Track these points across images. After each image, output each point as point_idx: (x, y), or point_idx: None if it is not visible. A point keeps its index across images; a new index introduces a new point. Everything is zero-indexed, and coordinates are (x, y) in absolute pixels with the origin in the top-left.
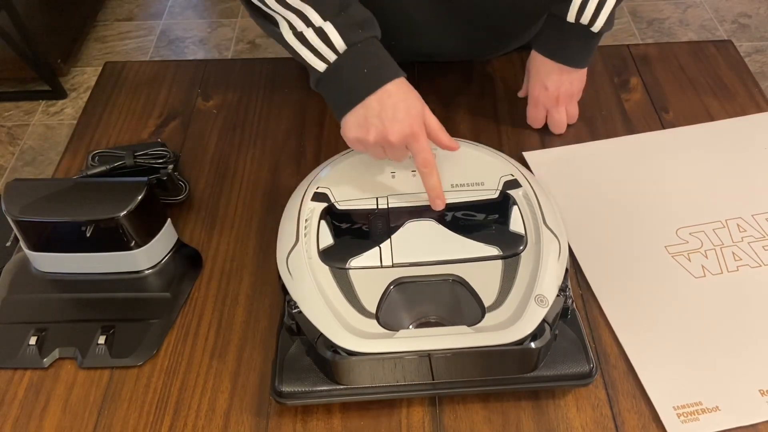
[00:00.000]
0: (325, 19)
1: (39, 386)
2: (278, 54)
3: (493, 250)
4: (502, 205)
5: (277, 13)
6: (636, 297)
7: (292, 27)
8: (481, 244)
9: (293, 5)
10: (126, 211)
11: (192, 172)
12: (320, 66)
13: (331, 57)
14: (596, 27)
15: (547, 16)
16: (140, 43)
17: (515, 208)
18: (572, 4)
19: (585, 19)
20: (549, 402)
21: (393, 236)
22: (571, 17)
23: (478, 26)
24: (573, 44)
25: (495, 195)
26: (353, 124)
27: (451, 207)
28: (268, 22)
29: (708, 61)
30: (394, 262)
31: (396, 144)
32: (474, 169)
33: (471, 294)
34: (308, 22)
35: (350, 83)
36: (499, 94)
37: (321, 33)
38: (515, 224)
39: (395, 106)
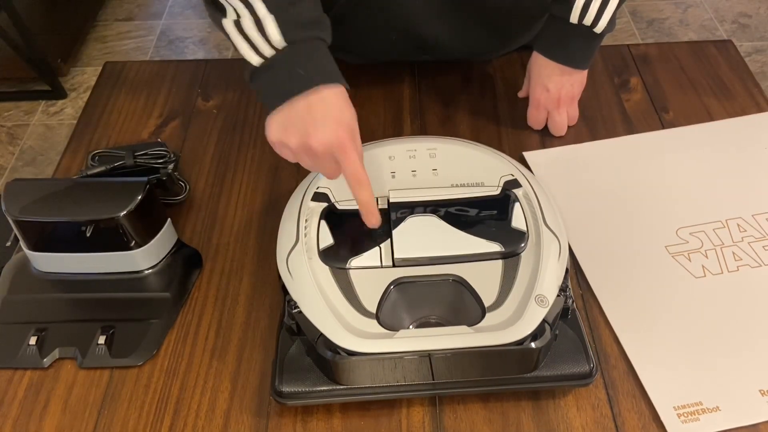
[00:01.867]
0: (269, 11)
1: (39, 386)
2: None
3: (495, 247)
4: (503, 201)
5: (226, 1)
6: (636, 297)
7: (235, 15)
8: (483, 240)
9: None
10: (126, 211)
11: (192, 172)
12: (254, 59)
13: (267, 52)
14: (599, 28)
15: (548, 16)
16: (140, 43)
17: (517, 204)
18: (575, 5)
19: (588, 20)
20: (549, 402)
21: (393, 235)
22: (573, 18)
23: (480, 24)
24: (575, 45)
25: (496, 193)
26: (276, 124)
27: (451, 203)
28: (216, 9)
29: (708, 61)
30: (395, 262)
31: (320, 153)
32: (474, 169)
33: (471, 294)
34: (252, 11)
35: (281, 81)
36: (499, 94)
37: (259, 25)
38: (517, 221)
39: (325, 112)
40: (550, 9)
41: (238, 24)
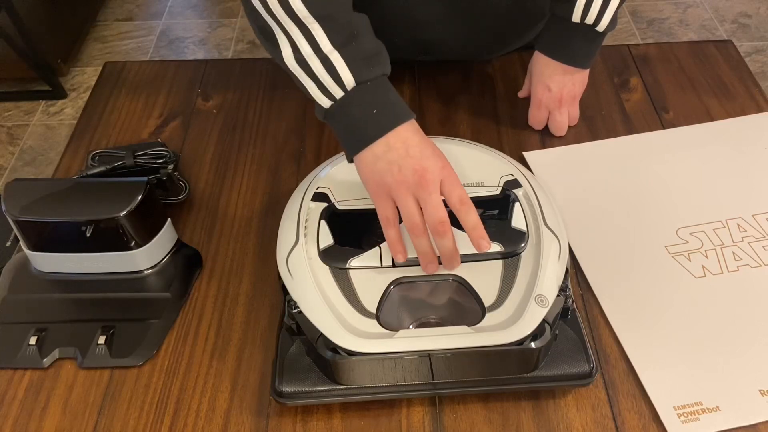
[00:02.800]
0: (334, 47)
1: (39, 386)
2: None
3: (495, 247)
4: (503, 201)
5: (279, 25)
6: (636, 297)
7: (295, 49)
8: None
9: (301, 18)
10: (126, 211)
11: (192, 172)
12: (325, 102)
13: (338, 93)
14: (601, 26)
15: (550, 16)
16: (140, 43)
17: (517, 204)
18: (576, 4)
19: (590, 19)
20: (549, 402)
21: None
22: (576, 17)
23: (482, 26)
24: (577, 44)
25: (496, 193)
26: (370, 163)
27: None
28: (264, 37)
29: (708, 61)
30: (395, 262)
31: (431, 181)
32: (474, 169)
33: (471, 294)
34: (315, 47)
35: (360, 123)
36: (499, 94)
37: (327, 64)
38: (517, 221)
39: (421, 144)
40: (551, 9)
41: (303, 63)
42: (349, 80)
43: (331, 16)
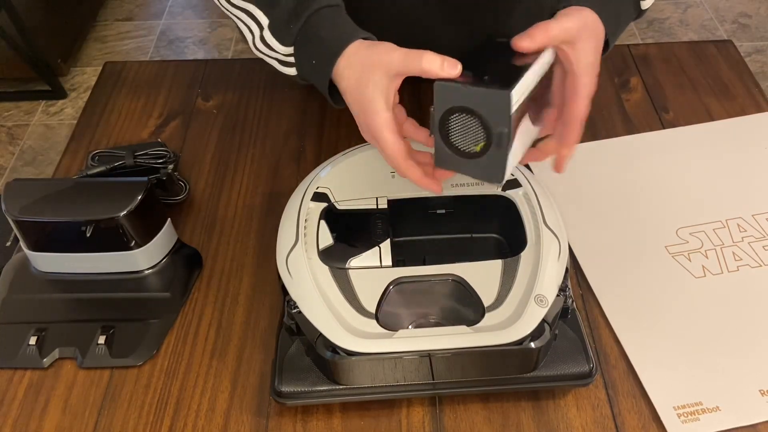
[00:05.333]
0: (266, 15)
1: (39, 386)
2: None
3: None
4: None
5: (231, 14)
6: (636, 297)
7: (251, 35)
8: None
9: (238, 4)
10: (126, 211)
11: (192, 172)
12: (291, 71)
13: (291, 60)
14: (646, 3)
15: None
16: (140, 43)
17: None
18: None
19: None
20: (549, 402)
21: (393, 235)
22: None
23: (482, 26)
24: (625, 17)
25: (496, 193)
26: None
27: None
28: (239, 30)
29: (708, 61)
30: (394, 261)
31: (370, 137)
32: None
33: (471, 294)
34: (258, 24)
35: (315, 77)
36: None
37: (265, 43)
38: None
39: (351, 95)
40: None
41: (257, 48)
42: (284, 50)
43: None
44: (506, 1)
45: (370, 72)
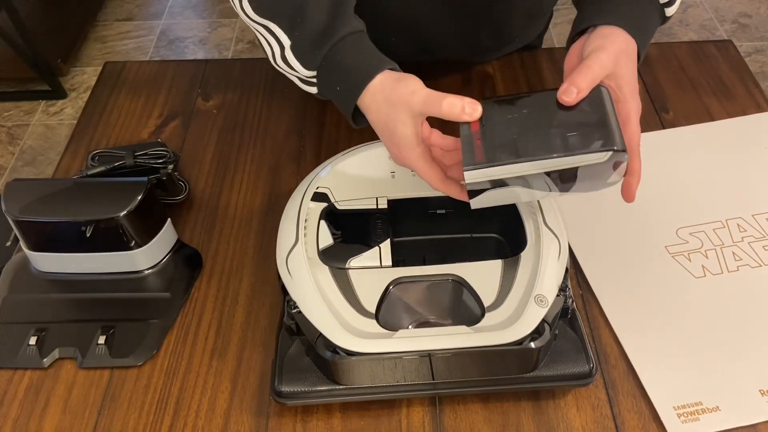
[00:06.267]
0: (288, 37)
1: (39, 386)
2: None
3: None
4: None
5: (256, 31)
6: (636, 297)
7: (270, 52)
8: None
9: (258, 20)
10: (126, 211)
11: (192, 172)
12: (313, 90)
13: (313, 80)
14: (671, 9)
15: None
16: (140, 43)
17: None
18: None
19: None
20: (549, 402)
21: (393, 235)
22: None
23: (481, 25)
24: (653, 25)
25: None
26: (374, 130)
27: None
28: (259, 42)
29: (708, 61)
30: (394, 261)
31: (402, 161)
32: None
33: (471, 294)
34: (279, 45)
35: (338, 101)
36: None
37: (287, 62)
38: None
39: (379, 129)
40: (550, 8)
41: (278, 64)
42: (306, 72)
43: (278, 7)
44: None
45: (396, 111)
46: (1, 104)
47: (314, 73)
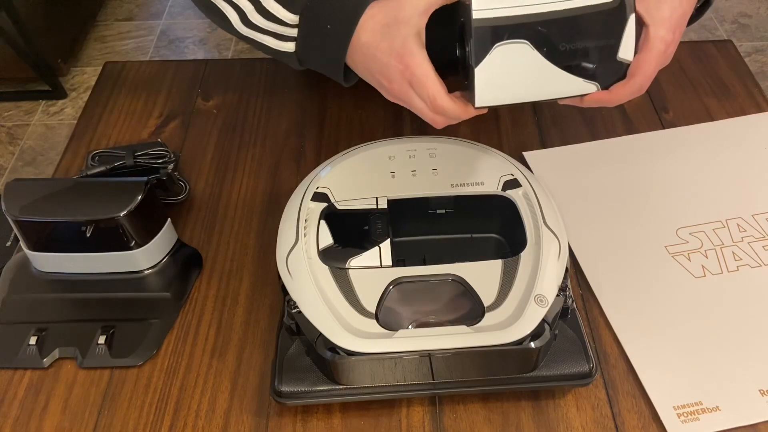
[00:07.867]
0: None
1: (39, 386)
2: None
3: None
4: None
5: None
6: (636, 297)
7: (239, 12)
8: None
9: None
10: (126, 211)
11: (192, 172)
12: (289, 47)
13: (292, 32)
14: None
15: None
16: (140, 43)
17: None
18: None
19: None
20: (549, 402)
21: (392, 234)
22: None
23: None
24: None
25: (495, 193)
26: (364, 76)
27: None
28: (211, 11)
29: (708, 61)
30: (394, 261)
31: (399, 93)
32: (474, 169)
33: (470, 294)
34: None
35: (327, 50)
36: None
37: (267, 13)
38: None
39: (381, 50)
40: None
41: (249, 23)
42: (289, 17)
43: None
44: None
45: (398, 11)
46: (1, 104)
47: (296, 19)
